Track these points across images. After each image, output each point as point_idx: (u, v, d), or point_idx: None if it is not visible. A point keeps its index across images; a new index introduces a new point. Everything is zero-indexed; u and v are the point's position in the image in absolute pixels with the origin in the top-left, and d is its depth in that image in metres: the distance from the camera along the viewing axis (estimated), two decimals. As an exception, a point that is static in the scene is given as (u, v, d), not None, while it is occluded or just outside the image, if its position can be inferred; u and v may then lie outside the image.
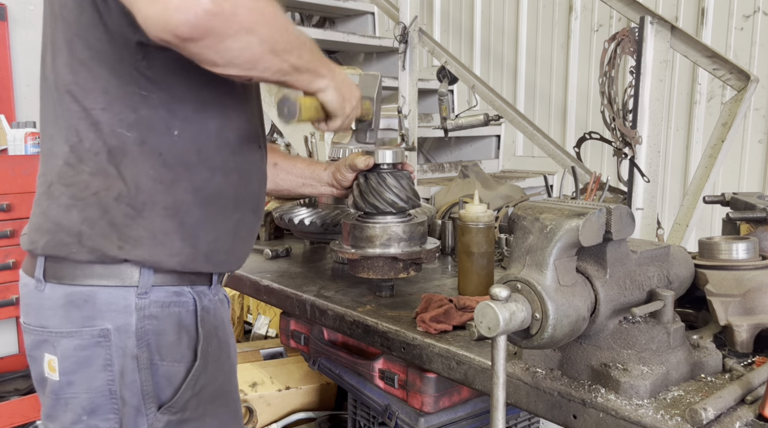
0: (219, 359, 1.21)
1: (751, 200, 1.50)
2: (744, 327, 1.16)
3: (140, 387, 1.11)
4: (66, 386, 1.11)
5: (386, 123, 3.01)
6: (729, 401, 0.97)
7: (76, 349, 1.10)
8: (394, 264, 1.55)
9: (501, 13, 3.72)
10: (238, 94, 1.20)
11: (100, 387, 1.10)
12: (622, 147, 2.08)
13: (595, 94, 3.14)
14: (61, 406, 1.12)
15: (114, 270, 1.10)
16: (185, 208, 1.12)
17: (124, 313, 1.10)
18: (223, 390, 1.22)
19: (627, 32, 2.06)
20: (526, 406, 1.15)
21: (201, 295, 1.18)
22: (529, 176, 3.41)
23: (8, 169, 3.07)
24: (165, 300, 1.13)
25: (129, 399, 1.11)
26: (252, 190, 1.26)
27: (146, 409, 1.12)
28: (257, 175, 1.28)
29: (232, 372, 1.27)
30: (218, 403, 1.21)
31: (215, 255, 1.18)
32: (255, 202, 1.28)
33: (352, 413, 1.98)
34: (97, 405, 1.11)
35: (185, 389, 1.14)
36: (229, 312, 1.30)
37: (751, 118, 2.74)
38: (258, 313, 3.25)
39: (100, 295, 1.09)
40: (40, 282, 1.12)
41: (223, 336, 1.23)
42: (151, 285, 1.11)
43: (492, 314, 0.94)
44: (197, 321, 1.16)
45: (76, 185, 1.09)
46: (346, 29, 4.47)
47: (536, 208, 1.05)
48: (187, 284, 1.16)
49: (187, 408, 1.15)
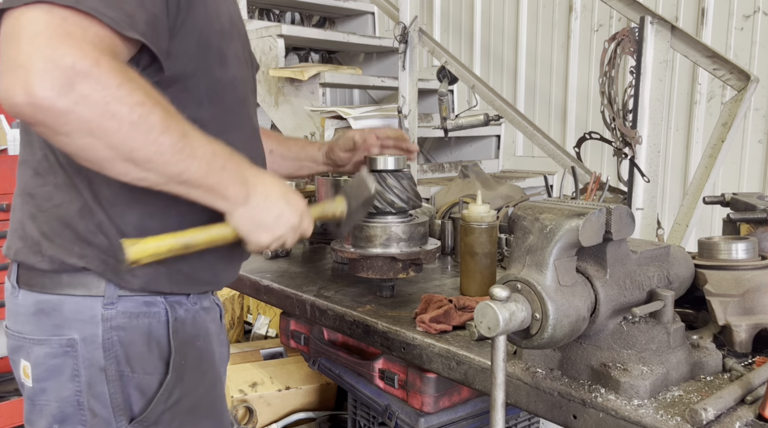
0: (199, 369, 1.16)
1: (751, 201, 1.50)
2: (743, 327, 1.16)
3: (109, 400, 1.08)
4: (39, 393, 1.10)
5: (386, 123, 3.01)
6: (729, 401, 0.97)
7: (46, 357, 1.09)
8: (393, 265, 1.55)
9: (501, 13, 3.72)
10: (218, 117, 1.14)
11: (69, 397, 1.09)
12: (622, 147, 2.08)
13: (595, 94, 3.14)
14: (37, 412, 1.11)
15: (80, 279, 1.08)
16: (147, 228, 1.08)
17: (90, 323, 1.07)
18: (204, 401, 1.19)
19: (627, 32, 2.06)
20: (526, 406, 1.15)
21: (175, 305, 1.14)
22: (529, 176, 3.40)
23: (8, 169, 3.07)
24: (134, 311, 1.10)
25: (99, 411, 1.09)
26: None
27: (117, 422, 1.09)
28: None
29: (217, 381, 1.23)
30: (199, 415, 1.17)
31: (177, 276, 1.13)
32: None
33: (352, 413, 1.98)
34: (66, 414, 1.09)
35: (157, 402, 1.10)
36: (220, 321, 1.26)
37: (751, 118, 2.74)
38: (258, 313, 3.25)
39: (67, 304, 1.08)
40: (14, 288, 1.12)
41: (205, 346, 1.19)
42: (118, 296, 1.09)
43: (492, 314, 0.94)
44: (169, 333, 1.12)
45: (40, 196, 1.09)
46: (346, 29, 4.47)
47: (536, 208, 1.05)
48: (159, 294, 1.12)
49: (161, 422, 1.11)
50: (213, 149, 1.00)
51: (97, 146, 0.89)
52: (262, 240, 1.10)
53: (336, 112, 2.99)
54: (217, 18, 1.11)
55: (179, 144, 0.94)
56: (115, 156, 0.90)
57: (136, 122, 0.89)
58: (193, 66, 1.07)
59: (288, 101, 3.26)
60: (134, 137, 0.89)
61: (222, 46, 1.13)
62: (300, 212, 1.14)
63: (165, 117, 0.92)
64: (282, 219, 1.10)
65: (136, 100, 0.89)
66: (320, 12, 4.46)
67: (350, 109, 3.07)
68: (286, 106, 3.27)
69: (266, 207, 1.07)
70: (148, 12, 0.95)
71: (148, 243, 1.03)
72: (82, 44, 0.86)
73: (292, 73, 3.13)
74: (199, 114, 1.08)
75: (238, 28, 1.22)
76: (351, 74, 3.39)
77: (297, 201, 1.13)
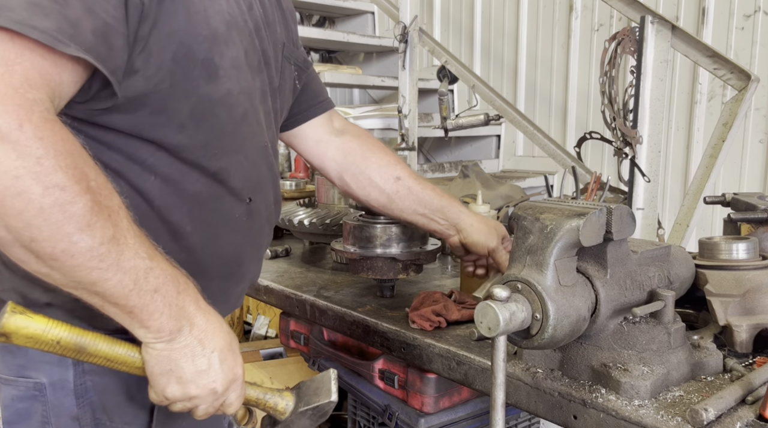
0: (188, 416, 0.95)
1: (752, 201, 1.50)
2: (743, 327, 1.16)
3: None
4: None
5: (386, 123, 3.01)
6: (729, 401, 0.97)
7: (14, 400, 0.98)
8: (393, 265, 1.55)
9: (501, 13, 3.72)
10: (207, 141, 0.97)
11: None
12: (622, 147, 2.08)
13: (596, 94, 3.13)
14: None
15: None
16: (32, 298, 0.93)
17: (59, 367, 0.95)
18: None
19: (627, 32, 2.06)
20: (526, 407, 1.14)
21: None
22: (530, 176, 3.40)
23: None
24: None
25: None
26: (221, 253, 1.04)
27: None
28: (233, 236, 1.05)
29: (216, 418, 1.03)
30: None
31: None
32: (226, 269, 1.06)
33: (352, 413, 1.98)
34: None
35: None
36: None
37: (752, 118, 2.74)
38: (258, 313, 3.25)
39: None
40: None
41: None
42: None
43: (492, 314, 0.94)
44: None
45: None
46: (346, 29, 4.47)
47: (536, 208, 1.05)
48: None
49: None
50: (149, 266, 0.81)
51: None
52: (167, 392, 0.88)
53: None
54: (204, 22, 0.92)
55: (101, 249, 0.76)
56: (12, 240, 0.73)
57: (48, 209, 0.71)
58: (168, 82, 0.89)
59: (288, 101, 3.26)
60: (39, 226, 0.72)
61: (211, 55, 0.93)
62: (231, 379, 0.92)
63: (92, 211, 0.74)
64: (205, 377, 0.88)
65: (55, 181, 0.71)
66: (320, 11, 4.46)
67: (350, 108, 3.07)
68: (286, 106, 3.27)
69: (192, 354, 0.86)
70: (97, 19, 0.78)
71: (37, 319, 0.84)
72: (5, 97, 0.70)
73: (292, 72, 3.12)
74: (178, 139, 0.93)
75: (242, 29, 1.01)
76: (351, 74, 3.39)
77: (234, 365, 0.92)
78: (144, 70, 0.86)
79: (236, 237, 1.06)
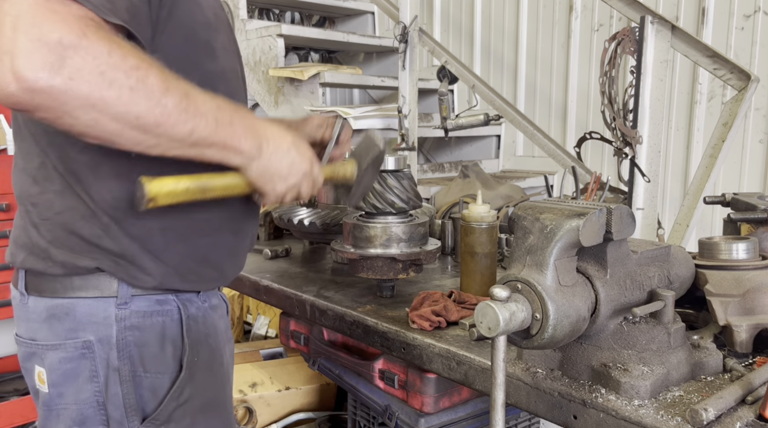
0: (211, 368, 1.16)
1: (752, 201, 1.50)
2: (743, 327, 1.16)
3: (122, 401, 1.08)
4: (56, 397, 1.10)
5: (386, 123, 3.01)
6: (729, 401, 0.97)
7: (61, 362, 1.08)
8: (393, 265, 1.55)
9: (501, 13, 3.71)
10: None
11: (88, 398, 1.08)
12: (622, 147, 2.08)
13: (596, 94, 3.13)
14: (53, 417, 1.11)
15: (92, 282, 1.07)
16: (150, 230, 1.08)
17: (104, 325, 1.07)
18: (215, 400, 1.19)
19: (627, 32, 2.06)
20: (526, 406, 1.14)
21: (187, 303, 1.14)
22: (530, 176, 3.40)
23: (8, 168, 3.06)
24: (147, 310, 1.09)
25: (112, 413, 1.09)
26: (230, 213, 1.19)
27: (129, 422, 1.09)
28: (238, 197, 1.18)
29: (226, 380, 1.23)
30: (209, 414, 1.17)
31: (189, 276, 1.14)
32: (234, 225, 1.21)
33: (352, 413, 1.98)
34: (86, 416, 1.09)
35: (169, 401, 1.10)
36: (227, 317, 1.26)
37: (752, 118, 2.74)
38: (258, 313, 3.25)
39: (80, 307, 1.07)
40: (23, 296, 1.11)
41: (215, 344, 1.19)
42: (131, 295, 1.09)
43: (492, 314, 0.94)
44: (183, 330, 1.12)
45: (42, 205, 1.08)
46: (346, 29, 4.47)
47: (536, 208, 1.05)
48: (171, 292, 1.12)
49: (172, 420, 1.11)
50: (217, 104, 0.98)
51: (103, 120, 0.86)
52: (278, 190, 1.11)
53: (336, 111, 2.99)
54: (201, 11, 1.10)
55: (183, 103, 0.92)
56: (122, 127, 0.88)
57: (135, 87, 0.86)
58: (182, 60, 1.05)
59: (288, 101, 3.26)
60: (137, 102, 0.87)
61: (210, 38, 1.12)
62: (309, 159, 1.14)
63: (162, 78, 0.90)
64: (294, 167, 1.11)
65: (130, 64, 0.86)
66: (320, 12, 4.45)
67: (350, 108, 3.07)
68: (286, 106, 3.27)
69: (279, 157, 1.08)
70: (128, 1, 0.93)
71: (166, 180, 1.01)
72: (66, 18, 0.82)
73: (291, 72, 3.13)
74: None
75: (222, 20, 1.21)
76: (351, 74, 3.39)
77: (305, 149, 1.14)
78: (164, 49, 1.02)
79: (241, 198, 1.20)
